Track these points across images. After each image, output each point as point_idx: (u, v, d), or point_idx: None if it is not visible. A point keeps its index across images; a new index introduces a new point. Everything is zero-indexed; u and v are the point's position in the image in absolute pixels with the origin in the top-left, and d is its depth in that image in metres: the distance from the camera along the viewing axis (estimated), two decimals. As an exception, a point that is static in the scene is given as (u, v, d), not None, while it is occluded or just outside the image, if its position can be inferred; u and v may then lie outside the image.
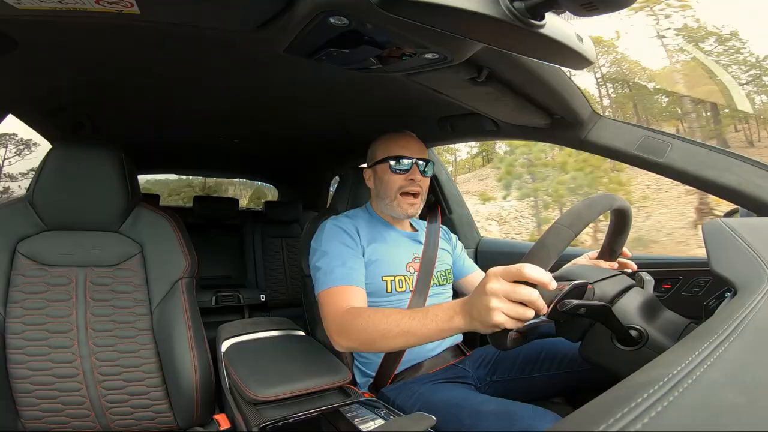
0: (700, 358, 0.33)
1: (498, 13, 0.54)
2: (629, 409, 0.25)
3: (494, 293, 0.63)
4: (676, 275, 1.16)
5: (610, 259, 0.94)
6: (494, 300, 0.63)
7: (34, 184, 1.05)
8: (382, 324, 0.83)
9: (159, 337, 1.08)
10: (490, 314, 0.63)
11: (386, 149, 1.16)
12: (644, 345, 0.67)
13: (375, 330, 0.84)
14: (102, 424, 1.02)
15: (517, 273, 0.61)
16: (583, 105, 1.07)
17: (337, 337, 0.94)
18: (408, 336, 0.80)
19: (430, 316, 0.76)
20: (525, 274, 0.60)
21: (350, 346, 0.93)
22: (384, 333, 0.82)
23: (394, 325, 0.81)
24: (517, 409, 0.82)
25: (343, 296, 0.99)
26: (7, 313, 0.99)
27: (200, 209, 2.66)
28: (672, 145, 1.01)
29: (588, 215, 0.68)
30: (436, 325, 0.75)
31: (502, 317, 0.62)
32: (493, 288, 0.63)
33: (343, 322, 0.92)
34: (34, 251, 1.04)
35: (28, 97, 1.21)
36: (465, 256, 1.36)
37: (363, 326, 0.86)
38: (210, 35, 0.77)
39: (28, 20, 0.70)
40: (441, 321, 0.74)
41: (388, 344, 0.85)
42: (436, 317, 0.75)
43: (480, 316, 0.65)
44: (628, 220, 0.85)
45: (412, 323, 0.79)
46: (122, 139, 1.13)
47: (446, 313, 0.74)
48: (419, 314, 0.79)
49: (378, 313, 0.86)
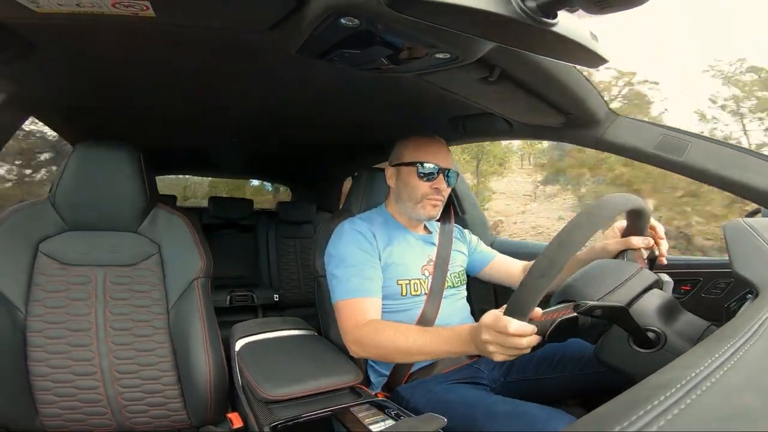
0: (719, 361, 0.32)
1: (510, 12, 0.53)
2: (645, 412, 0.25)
3: (488, 342, 0.72)
4: (697, 277, 1.13)
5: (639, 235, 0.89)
6: (490, 346, 0.72)
7: (56, 185, 1.08)
8: (401, 343, 0.91)
9: (175, 336, 1.10)
10: (492, 356, 0.73)
11: (415, 153, 1.14)
12: (662, 347, 0.65)
13: (395, 349, 0.93)
14: (118, 421, 1.04)
15: (504, 330, 0.68)
16: (599, 103, 1.05)
17: (354, 346, 1.00)
18: (424, 355, 0.93)
19: (444, 339, 0.86)
20: (511, 334, 0.67)
21: (367, 356, 1.03)
22: (403, 351, 0.92)
23: (411, 343, 0.90)
24: (532, 410, 0.81)
25: (360, 308, 1.02)
26: (28, 312, 1.01)
27: (215, 209, 2.69)
28: (692, 143, 0.98)
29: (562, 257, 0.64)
30: (450, 348, 0.85)
31: (502, 357, 0.72)
32: (487, 338, 0.72)
33: (361, 336, 0.98)
34: (55, 250, 1.07)
35: (48, 100, 1.25)
36: (482, 246, 1.35)
37: (381, 343, 0.94)
38: (224, 37, 0.79)
39: (47, 24, 0.72)
40: (454, 345, 0.84)
41: (403, 359, 0.99)
42: (449, 341, 0.85)
43: (484, 353, 0.76)
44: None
45: (429, 345, 0.88)
46: (139, 141, 1.16)
47: (459, 339, 0.83)
48: (434, 337, 0.89)
49: (397, 332, 0.93)
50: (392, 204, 1.22)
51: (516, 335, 0.67)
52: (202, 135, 1.85)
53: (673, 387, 0.28)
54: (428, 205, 1.13)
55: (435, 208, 1.15)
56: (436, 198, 1.13)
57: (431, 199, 1.13)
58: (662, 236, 0.90)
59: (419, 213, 1.15)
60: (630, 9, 0.52)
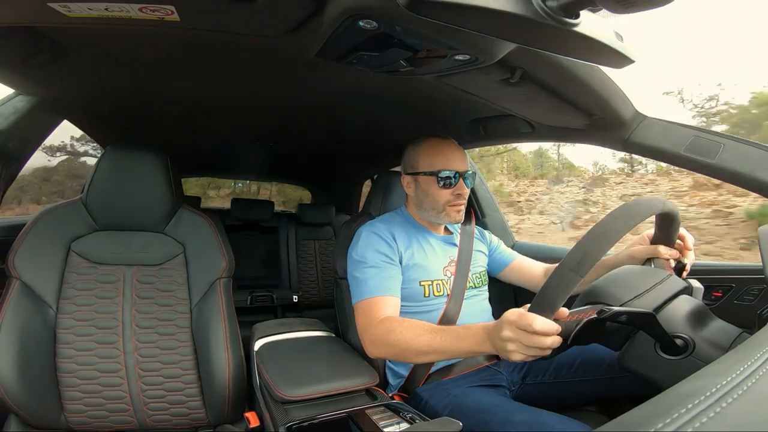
0: (751, 369, 0.30)
1: (531, 13, 0.52)
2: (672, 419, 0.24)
3: (509, 340, 0.69)
4: (729, 283, 1.09)
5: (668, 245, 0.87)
6: (510, 345, 0.69)
7: (88, 186, 1.12)
8: (415, 342, 0.89)
9: (197, 335, 1.12)
10: (509, 355, 0.70)
11: (431, 161, 1.12)
12: (690, 354, 0.63)
13: (408, 347, 0.90)
14: (139, 418, 1.06)
15: (529, 328, 0.65)
16: (626, 104, 1.02)
17: (370, 347, 0.99)
18: (438, 354, 0.89)
19: (460, 339, 0.83)
20: (536, 331, 0.64)
21: (383, 356, 1.01)
22: (416, 350, 0.89)
23: (425, 344, 0.87)
24: (549, 419, 0.80)
25: (377, 307, 1.01)
26: (59, 309, 1.04)
27: (237, 211, 2.75)
28: (724, 145, 0.95)
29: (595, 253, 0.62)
30: (467, 348, 0.82)
31: (520, 356, 0.68)
32: (508, 336, 0.69)
33: (376, 334, 0.97)
34: (86, 250, 1.10)
35: (80, 103, 1.30)
36: (503, 247, 1.34)
37: (396, 342, 0.92)
38: (244, 41, 0.80)
39: (78, 28, 0.75)
40: (470, 345, 0.81)
41: (419, 360, 0.93)
42: (465, 341, 0.81)
43: (501, 352, 0.72)
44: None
45: (442, 343, 0.85)
46: (165, 143, 1.19)
47: (475, 338, 0.80)
48: (449, 336, 0.85)
49: (410, 331, 0.91)
50: (413, 208, 1.21)
51: (541, 333, 0.64)
52: (224, 138, 1.89)
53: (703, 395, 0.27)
54: (452, 211, 1.13)
55: (459, 213, 1.14)
56: (458, 203, 1.13)
57: (454, 206, 1.12)
58: (690, 247, 0.88)
59: (443, 219, 1.15)
60: (654, 8, 0.50)
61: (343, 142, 1.93)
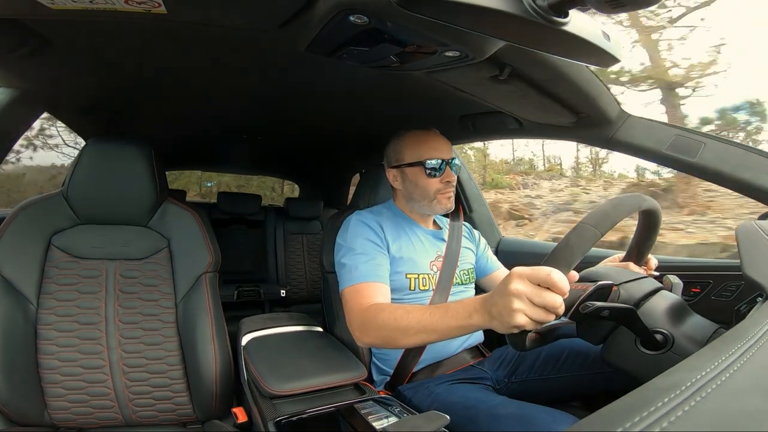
0: (726, 364, 0.32)
1: (521, 11, 0.53)
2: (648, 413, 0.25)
3: (518, 295, 0.61)
4: (707, 279, 1.12)
5: (638, 263, 0.90)
6: (517, 302, 0.61)
7: (69, 179, 1.09)
8: (403, 321, 0.84)
9: (182, 331, 1.11)
10: (512, 315, 0.61)
11: (417, 151, 1.13)
12: (669, 349, 0.65)
13: (396, 327, 0.85)
14: (125, 415, 1.05)
15: (546, 279, 0.60)
16: (611, 103, 1.04)
17: (359, 333, 0.95)
18: (428, 333, 0.80)
19: (450, 312, 0.76)
20: (554, 281, 0.59)
21: (372, 342, 0.94)
22: (405, 329, 0.83)
23: (414, 322, 0.82)
24: (535, 412, 0.80)
25: (366, 293, 0.99)
26: (39, 305, 1.02)
27: (224, 205, 2.72)
28: (705, 144, 0.97)
29: (615, 215, 0.66)
30: (456, 323, 0.75)
31: (523, 319, 0.61)
32: (518, 289, 0.61)
33: (365, 319, 0.93)
34: (67, 244, 1.08)
35: (62, 95, 1.26)
36: (489, 253, 1.35)
37: (384, 323, 0.87)
38: (234, 35, 0.79)
39: (62, 20, 0.73)
40: (460, 318, 0.74)
41: (409, 341, 0.86)
42: (456, 314, 0.75)
43: (500, 315, 0.64)
44: (657, 222, 0.82)
45: (432, 320, 0.79)
46: (150, 136, 1.17)
47: (466, 310, 0.74)
48: (439, 311, 0.79)
49: (399, 310, 0.87)
50: (401, 201, 1.21)
51: (558, 286, 0.59)
52: (211, 131, 1.86)
53: (678, 389, 0.28)
54: (443, 199, 1.14)
55: (450, 199, 1.15)
56: (448, 191, 1.14)
57: (444, 193, 1.13)
58: (652, 269, 0.92)
59: (435, 208, 1.16)
60: (642, 8, 0.51)
61: (332, 137, 1.92)
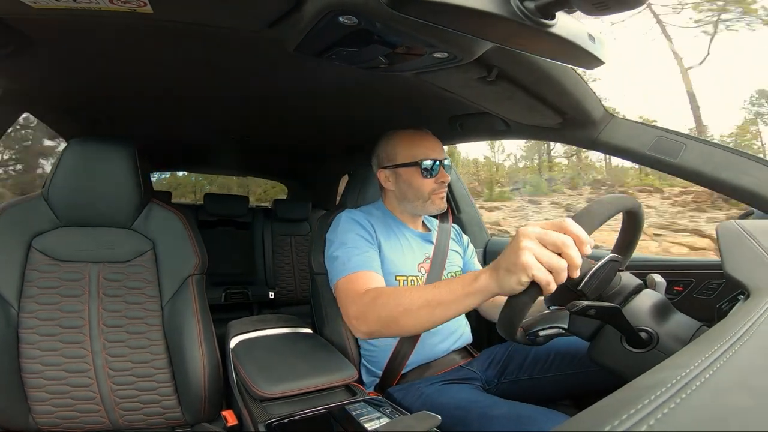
0: (709, 361, 0.32)
1: (508, 13, 0.53)
2: (635, 411, 0.25)
3: (527, 235, 0.60)
4: (689, 277, 1.14)
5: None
6: (527, 254, 0.59)
7: (50, 181, 1.07)
8: (404, 298, 0.80)
9: (169, 334, 1.10)
10: (525, 270, 0.58)
11: (411, 152, 1.13)
12: (654, 347, 0.66)
13: (397, 305, 0.80)
14: (111, 419, 1.03)
15: (558, 224, 0.59)
16: (596, 104, 1.06)
17: (356, 321, 0.90)
18: (433, 306, 0.75)
19: (455, 282, 0.74)
20: (566, 227, 0.59)
21: (371, 329, 0.87)
22: (407, 307, 0.78)
23: (416, 297, 0.78)
24: (527, 411, 0.81)
25: (361, 280, 0.97)
26: (20, 308, 1.00)
27: (211, 206, 2.68)
28: (686, 145, 0.99)
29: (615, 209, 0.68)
30: (462, 289, 0.71)
31: (539, 273, 0.58)
32: (527, 231, 0.61)
33: (362, 304, 0.89)
34: (48, 247, 1.06)
35: (44, 96, 1.24)
36: (475, 260, 1.35)
37: (384, 303, 0.83)
38: (221, 35, 0.78)
39: (44, 20, 0.71)
40: (466, 283, 0.71)
41: (412, 319, 0.79)
42: (461, 280, 0.73)
43: (508, 262, 0.61)
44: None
45: (435, 291, 0.76)
46: (135, 137, 1.15)
47: (471, 275, 0.71)
48: (443, 283, 0.77)
49: (398, 289, 0.87)
50: (392, 202, 1.21)
51: (572, 233, 0.58)
52: (198, 132, 1.84)
53: (663, 387, 0.28)
54: (437, 199, 1.15)
55: (443, 200, 1.16)
56: (442, 191, 1.15)
57: (438, 193, 1.14)
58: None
59: (429, 209, 1.16)
60: (627, 11, 0.52)
61: (320, 137, 1.91)
